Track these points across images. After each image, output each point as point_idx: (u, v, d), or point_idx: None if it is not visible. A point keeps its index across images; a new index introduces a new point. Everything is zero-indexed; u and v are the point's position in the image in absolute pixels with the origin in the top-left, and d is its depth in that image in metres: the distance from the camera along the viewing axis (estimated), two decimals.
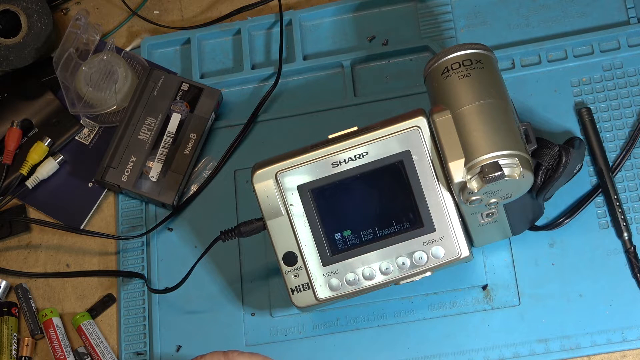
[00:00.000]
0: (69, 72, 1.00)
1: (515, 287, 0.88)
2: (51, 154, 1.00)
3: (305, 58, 1.00)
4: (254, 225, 0.85)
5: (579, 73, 0.94)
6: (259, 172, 0.81)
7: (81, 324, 0.93)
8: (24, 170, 0.98)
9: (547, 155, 0.81)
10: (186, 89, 0.98)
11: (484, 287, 0.88)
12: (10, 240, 0.99)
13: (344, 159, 0.81)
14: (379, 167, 0.81)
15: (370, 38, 1.00)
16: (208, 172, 0.97)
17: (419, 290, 0.89)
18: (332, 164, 0.81)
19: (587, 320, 0.86)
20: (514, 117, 0.80)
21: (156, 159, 0.96)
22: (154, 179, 0.96)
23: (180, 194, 0.96)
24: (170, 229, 0.96)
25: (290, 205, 0.82)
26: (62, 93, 1.00)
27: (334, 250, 0.82)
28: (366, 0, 1.00)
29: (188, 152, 0.96)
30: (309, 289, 0.83)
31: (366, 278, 0.82)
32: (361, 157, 0.81)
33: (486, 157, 0.76)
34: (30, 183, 0.98)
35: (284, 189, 0.81)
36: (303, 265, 0.82)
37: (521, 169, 0.76)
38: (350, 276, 0.82)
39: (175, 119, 0.97)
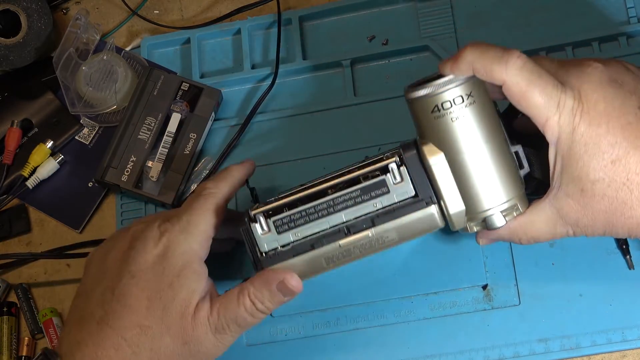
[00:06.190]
0: (69, 72, 1.00)
1: (515, 287, 0.88)
2: (51, 154, 1.00)
3: (305, 58, 1.00)
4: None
5: None
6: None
7: None
8: (26, 172, 0.98)
9: (540, 169, 0.79)
10: (186, 89, 0.98)
11: (484, 287, 0.88)
12: (10, 240, 0.99)
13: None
14: None
15: (370, 38, 1.00)
16: (208, 172, 0.97)
17: (419, 290, 0.89)
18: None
19: (587, 320, 0.86)
20: (508, 148, 0.77)
21: (156, 158, 0.96)
22: (154, 179, 0.95)
23: (180, 193, 0.96)
24: None
25: None
26: (62, 93, 1.00)
27: None
28: (366, 0, 1.00)
29: (188, 152, 0.96)
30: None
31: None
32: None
33: (489, 210, 0.76)
34: (30, 183, 0.98)
35: None
36: None
37: (520, 210, 0.77)
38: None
39: (175, 119, 0.97)
